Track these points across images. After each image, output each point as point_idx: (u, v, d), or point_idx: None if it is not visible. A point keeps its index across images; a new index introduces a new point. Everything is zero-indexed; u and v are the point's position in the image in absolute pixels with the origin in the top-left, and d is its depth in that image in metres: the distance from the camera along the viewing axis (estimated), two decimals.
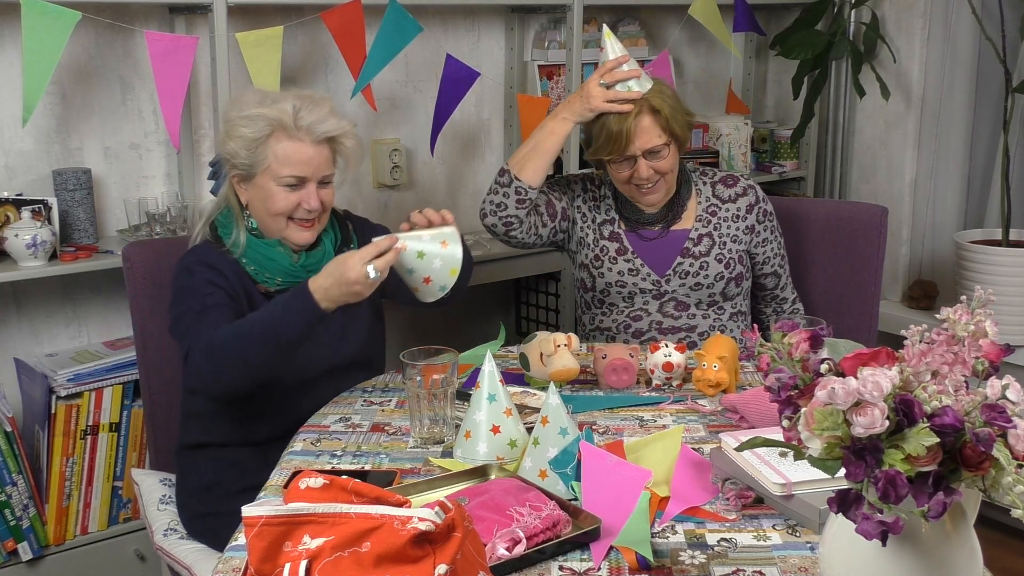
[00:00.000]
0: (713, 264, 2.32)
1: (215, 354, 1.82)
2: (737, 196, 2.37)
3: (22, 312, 2.69)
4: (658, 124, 2.22)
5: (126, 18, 2.64)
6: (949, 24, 3.51)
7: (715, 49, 3.86)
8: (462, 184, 3.37)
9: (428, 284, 1.87)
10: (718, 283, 2.33)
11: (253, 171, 1.98)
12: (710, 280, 2.32)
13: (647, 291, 2.33)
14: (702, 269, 2.32)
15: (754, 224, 2.36)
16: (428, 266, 1.86)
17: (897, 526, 1.04)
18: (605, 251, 2.35)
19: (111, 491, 2.65)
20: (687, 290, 2.33)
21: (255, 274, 2.00)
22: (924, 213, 3.70)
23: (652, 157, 2.23)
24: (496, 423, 1.64)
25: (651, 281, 2.33)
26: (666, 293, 2.33)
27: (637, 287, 2.33)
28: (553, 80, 3.37)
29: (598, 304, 2.40)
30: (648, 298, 2.34)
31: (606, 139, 2.23)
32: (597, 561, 1.34)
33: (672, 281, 2.33)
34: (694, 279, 2.32)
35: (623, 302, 2.36)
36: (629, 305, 2.35)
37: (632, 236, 2.35)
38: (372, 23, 2.76)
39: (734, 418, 1.79)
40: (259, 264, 2.00)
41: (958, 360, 1.11)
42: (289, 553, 1.09)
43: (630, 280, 2.33)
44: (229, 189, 2.04)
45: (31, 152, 2.63)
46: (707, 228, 2.34)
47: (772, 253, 2.40)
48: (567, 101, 2.28)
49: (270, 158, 1.96)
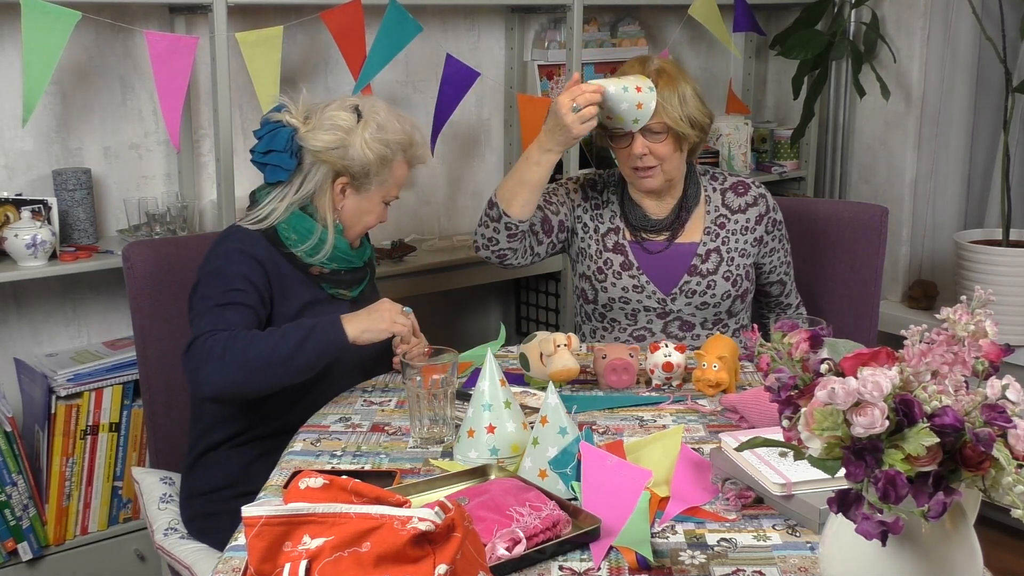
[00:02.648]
0: (720, 283, 2.28)
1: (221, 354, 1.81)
2: (747, 206, 2.31)
3: (22, 312, 2.69)
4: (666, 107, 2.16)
5: (126, 18, 2.64)
6: (949, 24, 3.51)
7: (715, 49, 3.86)
8: (462, 184, 3.37)
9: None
10: (724, 302, 2.29)
11: (369, 184, 2.02)
12: (717, 299, 2.28)
13: (652, 309, 2.28)
14: (709, 288, 2.27)
15: (763, 235, 2.32)
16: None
17: (897, 526, 1.04)
18: (609, 264, 2.29)
19: (111, 491, 2.65)
20: (693, 309, 2.28)
21: (311, 259, 2.02)
22: (924, 213, 3.70)
23: (649, 136, 2.17)
24: (495, 423, 1.65)
25: (656, 299, 2.28)
26: (671, 312, 2.29)
27: (641, 304, 2.28)
28: (553, 80, 3.37)
29: (599, 318, 2.35)
30: (652, 316, 2.29)
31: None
32: (597, 561, 1.34)
33: (678, 300, 2.28)
34: (700, 298, 2.28)
35: (626, 319, 2.31)
36: (632, 323, 2.30)
37: (637, 249, 2.29)
38: (372, 23, 2.76)
39: (734, 418, 1.79)
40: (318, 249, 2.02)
41: (958, 360, 1.11)
42: (289, 553, 1.09)
43: (634, 297, 2.28)
44: (324, 191, 2.02)
45: (31, 152, 2.63)
46: (715, 242, 2.29)
47: (779, 262, 2.37)
48: (547, 130, 2.13)
49: (390, 179, 2.05)
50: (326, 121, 1.99)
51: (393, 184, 2.07)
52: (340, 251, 2.04)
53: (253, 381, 1.84)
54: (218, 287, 1.92)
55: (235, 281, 1.93)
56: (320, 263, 2.03)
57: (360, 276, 2.12)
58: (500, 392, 1.67)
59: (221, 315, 1.88)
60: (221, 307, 1.89)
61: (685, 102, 2.20)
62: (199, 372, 1.83)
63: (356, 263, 2.09)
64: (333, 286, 2.06)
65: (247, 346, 1.82)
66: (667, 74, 2.20)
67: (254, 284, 1.94)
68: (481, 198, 3.41)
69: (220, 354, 1.81)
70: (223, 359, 1.81)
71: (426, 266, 3.00)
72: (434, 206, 3.32)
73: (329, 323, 1.86)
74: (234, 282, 1.93)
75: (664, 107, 2.16)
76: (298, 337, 1.83)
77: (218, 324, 1.86)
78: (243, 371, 1.82)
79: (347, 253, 2.06)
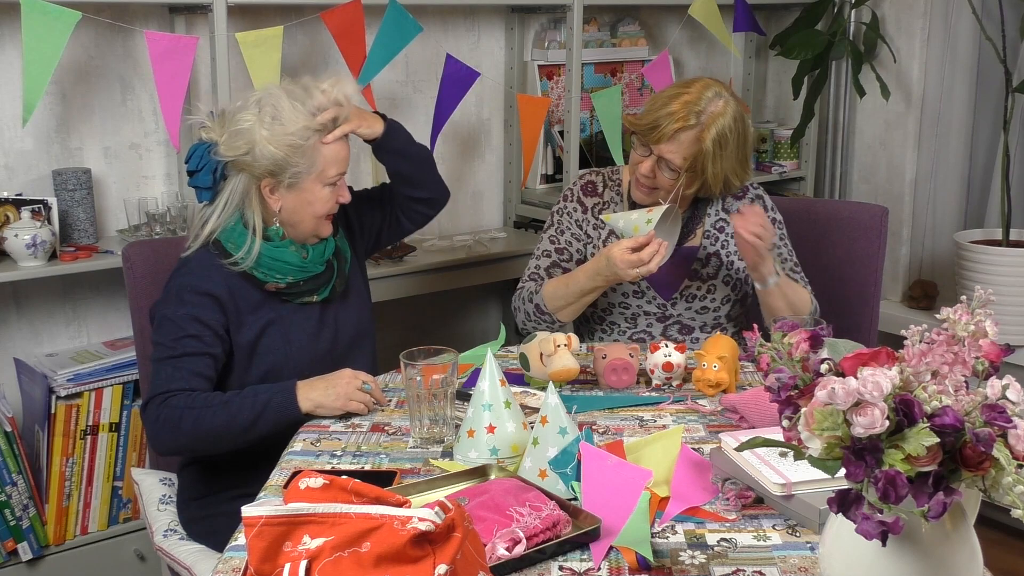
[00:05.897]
0: (720, 287, 2.27)
1: (176, 424, 1.82)
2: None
3: (22, 312, 2.69)
4: (693, 151, 2.11)
5: (126, 18, 2.64)
6: (949, 24, 3.51)
7: (715, 49, 3.86)
8: (462, 184, 3.37)
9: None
10: (724, 306, 2.29)
11: (297, 176, 1.93)
12: (717, 304, 2.28)
13: (652, 314, 2.28)
14: (709, 292, 2.27)
15: None
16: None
17: (897, 526, 1.04)
18: None
19: (111, 491, 2.65)
20: (693, 314, 2.28)
21: (263, 276, 1.97)
22: (924, 213, 3.70)
23: (662, 165, 2.15)
24: (495, 423, 1.65)
25: (656, 304, 2.28)
26: (671, 316, 2.29)
27: (641, 309, 2.28)
28: (553, 80, 3.37)
29: (598, 321, 2.35)
30: (652, 320, 2.29)
31: (650, 122, 2.13)
32: (597, 561, 1.34)
33: (678, 305, 2.28)
34: (700, 303, 2.28)
35: (625, 323, 2.31)
36: (632, 327, 2.30)
37: None
38: (372, 23, 2.76)
39: (734, 418, 1.79)
40: (268, 267, 1.97)
41: (958, 360, 1.11)
42: (289, 553, 1.09)
43: (634, 302, 2.28)
44: (251, 198, 1.95)
45: (31, 152, 2.63)
46: (715, 246, 2.28)
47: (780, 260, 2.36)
48: (600, 273, 2.11)
49: (318, 162, 1.94)
50: (232, 127, 1.91)
51: (326, 165, 1.95)
52: (289, 263, 1.97)
53: (211, 449, 1.89)
54: (169, 335, 1.89)
55: (187, 326, 1.89)
56: (273, 279, 1.97)
57: (324, 279, 2.04)
58: (500, 392, 1.67)
59: (176, 369, 1.86)
60: (176, 359, 1.87)
61: (722, 160, 2.14)
62: (156, 439, 1.88)
63: (313, 270, 2.00)
64: (294, 298, 2.01)
65: (199, 419, 1.81)
66: (718, 130, 2.12)
67: (206, 323, 1.91)
68: (481, 198, 3.41)
69: (175, 423, 1.82)
70: (178, 428, 1.82)
71: (426, 266, 3.00)
72: None
73: (282, 400, 1.83)
74: (186, 327, 1.89)
75: (705, 156, 2.11)
76: (252, 414, 1.82)
77: (173, 381, 1.85)
78: (199, 442, 1.86)
79: (296, 264, 1.98)
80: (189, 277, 1.94)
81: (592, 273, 2.14)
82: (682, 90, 2.15)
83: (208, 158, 1.93)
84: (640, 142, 2.18)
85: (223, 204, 1.95)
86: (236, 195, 1.95)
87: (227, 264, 1.94)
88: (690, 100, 2.12)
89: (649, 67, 3.29)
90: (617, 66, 3.51)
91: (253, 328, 1.97)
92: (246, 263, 1.94)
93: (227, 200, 1.95)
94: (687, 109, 2.11)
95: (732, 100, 2.16)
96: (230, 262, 1.94)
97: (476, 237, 3.20)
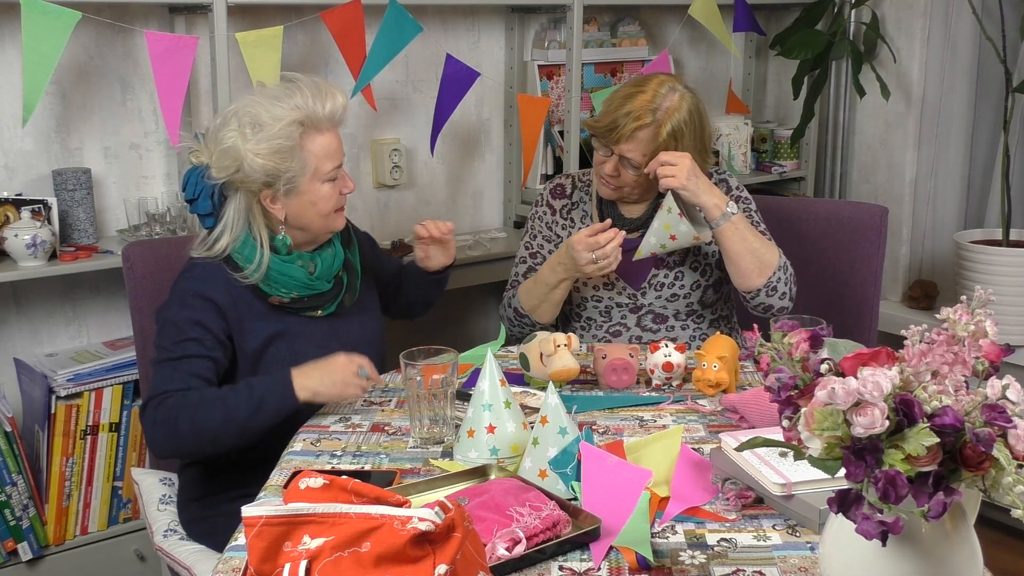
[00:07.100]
0: (688, 273, 2.28)
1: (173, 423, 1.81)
2: None
3: (22, 312, 2.69)
4: (652, 148, 2.15)
5: (126, 18, 2.64)
6: (949, 24, 3.51)
7: (715, 49, 3.86)
8: (462, 184, 3.37)
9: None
10: (695, 292, 2.30)
11: (293, 181, 1.90)
12: (686, 290, 2.29)
13: (624, 305, 2.30)
14: (677, 279, 2.29)
15: None
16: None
17: (897, 526, 1.04)
18: None
19: (111, 491, 2.65)
20: (664, 302, 2.30)
21: (269, 290, 1.95)
22: (924, 213, 3.70)
23: (625, 164, 2.18)
24: (495, 423, 1.65)
25: (627, 295, 2.30)
26: (643, 306, 2.30)
27: (614, 301, 2.31)
28: (553, 80, 3.37)
29: (575, 317, 2.37)
30: (626, 312, 2.31)
31: (608, 123, 2.16)
32: (597, 561, 1.34)
33: (648, 294, 2.29)
34: (670, 290, 2.29)
35: (600, 317, 2.33)
36: (607, 320, 2.33)
37: None
38: (372, 23, 2.76)
39: (734, 418, 1.79)
40: (275, 281, 1.95)
41: (958, 360, 1.11)
42: (289, 553, 1.09)
43: (606, 295, 2.31)
44: (254, 214, 1.94)
45: (31, 152, 2.63)
46: None
47: None
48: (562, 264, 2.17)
49: (311, 161, 1.91)
50: (217, 147, 1.89)
51: (318, 161, 1.92)
52: (294, 279, 1.96)
53: (208, 448, 1.87)
54: (171, 338, 1.89)
55: (188, 329, 1.88)
56: (277, 293, 1.96)
57: (330, 296, 2.02)
58: (500, 392, 1.67)
59: (175, 370, 1.86)
60: (175, 361, 1.87)
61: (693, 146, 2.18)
62: (154, 441, 1.86)
63: (319, 287, 1.99)
64: (298, 312, 1.99)
65: (196, 418, 1.80)
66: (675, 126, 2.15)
67: (208, 328, 1.90)
68: (481, 198, 3.41)
69: (172, 424, 1.81)
70: (176, 428, 1.81)
71: None
72: (434, 206, 3.32)
73: (279, 391, 1.81)
74: (187, 330, 1.88)
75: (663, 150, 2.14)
76: (249, 408, 1.80)
77: (171, 382, 1.84)
78: (197, 441, 1.83)
79: (302, 280, 1.97)
80: (193, 281, 1.94)
81: (554, 264, 2.20)
82: (636, 89, 2.18)
83: (203, 183, 1.92)
84: (600, 143, 2.21)
85: (231, 225, 1.94)
86: (240, 214, 1.93)
87: (237, 277, 1.93)
88: (646, 99, 2.15)
89: (649, 67, 3.29)
90: (617, 66, 3.51)
91: (258, 337, 1.96)
92: (255, 276, 1.93)
93: (233, 220, 1.93)
94: (643, 107, 2.15)
95: (687, 92, 2.20)
96: (240, 275, 1.93)
97: (476, 237, 3.20)
